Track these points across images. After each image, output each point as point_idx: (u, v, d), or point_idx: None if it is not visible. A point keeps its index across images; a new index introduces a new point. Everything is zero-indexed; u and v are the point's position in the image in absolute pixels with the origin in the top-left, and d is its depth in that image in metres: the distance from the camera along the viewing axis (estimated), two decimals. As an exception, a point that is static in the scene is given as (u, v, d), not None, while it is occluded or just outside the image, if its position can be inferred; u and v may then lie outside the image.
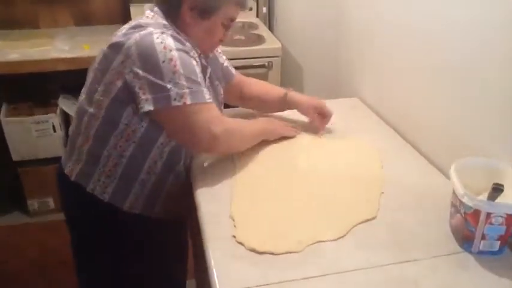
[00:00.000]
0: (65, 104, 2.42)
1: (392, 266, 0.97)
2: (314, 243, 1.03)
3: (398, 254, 1.00)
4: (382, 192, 1.21)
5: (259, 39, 2.44)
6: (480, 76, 1.14)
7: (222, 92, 1.46)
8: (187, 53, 1.18)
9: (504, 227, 0.95)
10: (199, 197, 1.20)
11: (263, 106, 1.56)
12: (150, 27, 1.18)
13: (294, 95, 1.50)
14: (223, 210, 1.14)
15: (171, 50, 1.14)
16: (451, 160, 1.24)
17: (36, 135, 2.37)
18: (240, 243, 1.03)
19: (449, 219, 1.08)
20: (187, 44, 1.21)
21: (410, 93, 1.45)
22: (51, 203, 2.50)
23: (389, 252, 1.01)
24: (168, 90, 1.13)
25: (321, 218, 1.12)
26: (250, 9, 2.77)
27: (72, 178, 1.31)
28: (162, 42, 1.14)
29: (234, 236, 1.05)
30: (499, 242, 0.98)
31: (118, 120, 1.21)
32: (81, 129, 1.28)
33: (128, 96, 1.18)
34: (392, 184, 1.24)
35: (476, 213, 0.95)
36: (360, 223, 1.09)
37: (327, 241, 1.04)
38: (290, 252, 1.00)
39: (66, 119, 2.46)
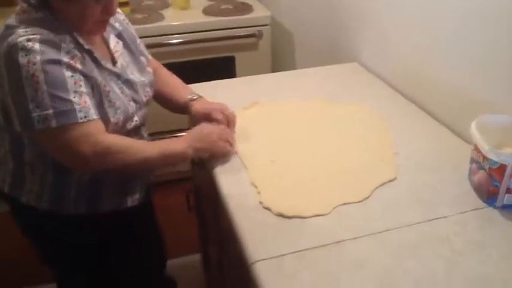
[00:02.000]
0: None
1: (422, 224, 0.98)
2: (340, 205, 1.03)
3: (425, 212, 1.01)
4: (396, 153, 1.21)
5: (247, 8, 2.39)
6: (491, 30, 1.14)
7: (147, 60, 1.33)
8: (56, 62, 1.02)
9: (528, 180, 0.97)
10: (213, 170, 1.18)
11: (166, 106, 1.41)
12: (19, 29, 1.02)
13: (194, 103, 1.33)
14: (242, 180, 1.13)
15: (34, 64, 0.99)
16: (461, 119, 1.26)
17: None
18: (267, 208, 1.03)
19: (468, 176, 1.10)
20: (64, 44, 1.05)
21: (416, 54, 1.45)
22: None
23: (416, 211, 1.02)
24: (31, 111, 1.00)
25: (341, 180, 1.12)
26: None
27: (6, 190, 1.22)
28: (26, 55, 0.99)
29: (261, 202, 1.04)
30: (522, 195, 1.00)
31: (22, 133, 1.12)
32: None
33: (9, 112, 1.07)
34: (404, 145, 1.24)
35: (502, 168, 0.97)
36: (381, 184, 1.10)
37: (352, 203, 1.04)
38: (318, 215, 1.01)
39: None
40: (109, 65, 1.17)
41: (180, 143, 1.18)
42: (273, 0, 2.53)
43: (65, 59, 1.03)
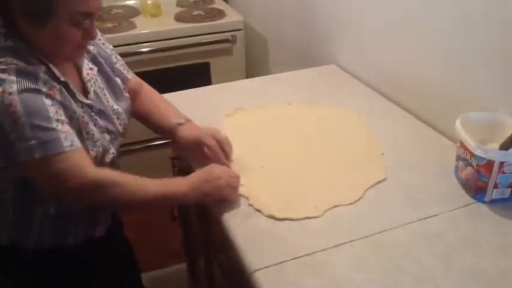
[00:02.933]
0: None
1: (415, 224, 0.99)
2: (331, 208, 1.04)
3: (417, 212, 1.02)
4: (382, 154, 1.23)
5: (219, 14, 2.38)
6: (472, 31, 1.17)
7: (124, 81, 1.23)
8: (35, 91, 0.95)
9: (515, 174, 1.00)
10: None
11: (149, 126, 1.30)
12: None
13: (181, 128, 1.22)
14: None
15: (10, 93, 0.92)
16: (443, 117, 1.29)
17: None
18: (258, 210, 1.04)
19: (455, 172, 1.12)
20: (41, 74, 0.97)
21: (395, 54, 1.47)
22: None
23: (408, 210, 1.03)
24: (12, 143, 0.93)
25: (330, 183, 1.13)
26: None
27: None
28: (1, 84, 0.92)
29: (251, 205, 1.05)
30: (509, 190, 1.02)
31: None
32: None
33: None
34: (389, 145, 1.26)
35: (490, 163, 0.99)
36: (372, 186, 1.11)
37: (343, 205, 1.05)
38: (309, 218, 1.01)
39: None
40: (81, 97, 1.08)
41: (182, 185, 1.06)
42: (245, 5, 2.53)
43: (44, 88, 0.97)
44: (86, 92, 1.11)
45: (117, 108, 1.17)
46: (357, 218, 1.01)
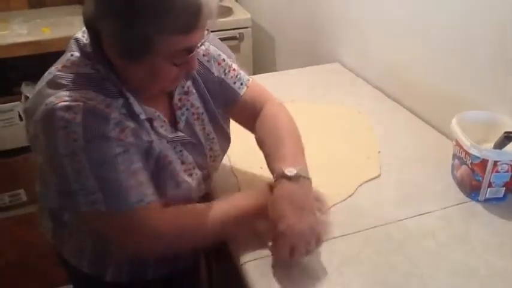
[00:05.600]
0: (30, 91, 2.30)
1: (407, 221, 1.00)
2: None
3: (410, 209, 1.03)
4: (379, 152, 1.23)
5: (227, 11, 2.40)
6: (472, 32, 1.16)
7: (223, 121, 1.08)
8: (103, 138, 0.83)
9: (509, 174, 1.00)
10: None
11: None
12: (62, 91, 0.83)
13: (278, 184, 0.93)
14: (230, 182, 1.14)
15: (75, 140, 0.81)
16: (443, 116, 1.29)
17: (1, 125, 2.26)
18: None
19: (451, 171, 1.12)
20: (114, 113, 0.84)
21: (397, 53, 1.47)
22: (23, 195, 2.40)
23: (401, 207, 1.03)
24: (75, 192, 0.84)
25: (323, 179, 1.11)
26: None
27: (50, 240, 1.09)
28: (65, 127, 0.80)
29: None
30: (503, 189, 1.02)
31: None
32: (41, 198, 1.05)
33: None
34: (387, 143, 1.26)
35: (484, 162, 0.99)
36: (365, 182, 1.12)
37: (338, 201, 1.06)
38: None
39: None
40: (168, 131, 0.95)
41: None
42: (253, 3, 2.54)
43: (113, 133, 0.84)
44: (175, 122, 0.99)
45: (213, 138, 1.05)
46: (349, 214, 1.02)
